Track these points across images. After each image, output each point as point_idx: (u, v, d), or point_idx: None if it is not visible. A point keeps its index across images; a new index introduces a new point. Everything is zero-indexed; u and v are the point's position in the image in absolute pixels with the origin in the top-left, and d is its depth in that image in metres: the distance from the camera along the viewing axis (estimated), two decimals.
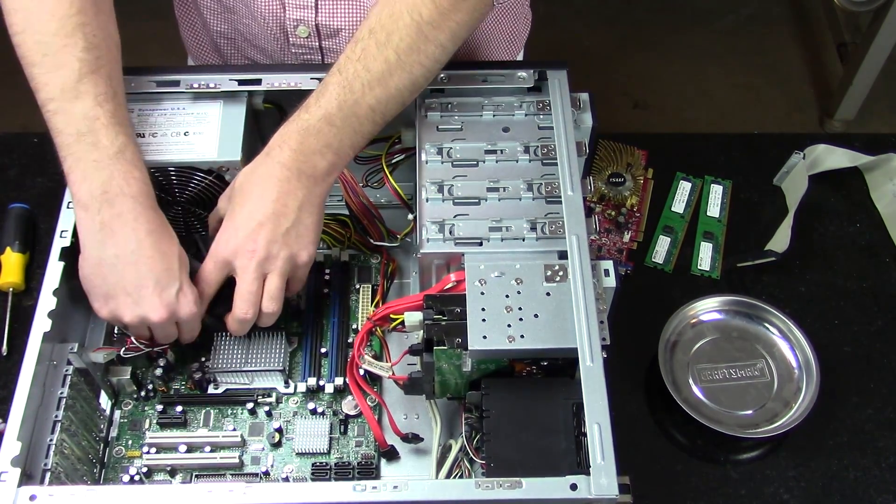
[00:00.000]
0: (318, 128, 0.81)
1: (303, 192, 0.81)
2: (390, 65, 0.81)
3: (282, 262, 0.81)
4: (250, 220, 0.80)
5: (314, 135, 0.81)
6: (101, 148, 0.79)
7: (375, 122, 0.84)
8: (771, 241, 1.07)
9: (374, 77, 0.81)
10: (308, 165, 0.81)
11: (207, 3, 1.07)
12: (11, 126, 2.25)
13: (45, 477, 0.77)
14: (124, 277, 0.78)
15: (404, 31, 0.81)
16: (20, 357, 0.77)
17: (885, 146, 1.14)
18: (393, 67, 0.81)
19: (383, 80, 0.82)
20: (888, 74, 2.19)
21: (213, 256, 0.82)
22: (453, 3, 0.81)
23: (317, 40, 1.04)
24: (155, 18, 1.13)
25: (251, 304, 0.81)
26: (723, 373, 0.97)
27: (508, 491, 0.69)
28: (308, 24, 1.02)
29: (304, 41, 1.04)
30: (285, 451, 0.87)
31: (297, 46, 1.05)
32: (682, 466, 0.93)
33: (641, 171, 1.13)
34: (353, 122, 0.82)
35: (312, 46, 1.05)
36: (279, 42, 1.05)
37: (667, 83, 2.38)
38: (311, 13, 1.01)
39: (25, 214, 1.06)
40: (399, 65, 0.82)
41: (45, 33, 0.80)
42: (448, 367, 0.79)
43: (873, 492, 0.91)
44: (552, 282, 0.79)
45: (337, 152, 0.82)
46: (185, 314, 0.80)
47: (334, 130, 0.81)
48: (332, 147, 0.82)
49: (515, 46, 1.18)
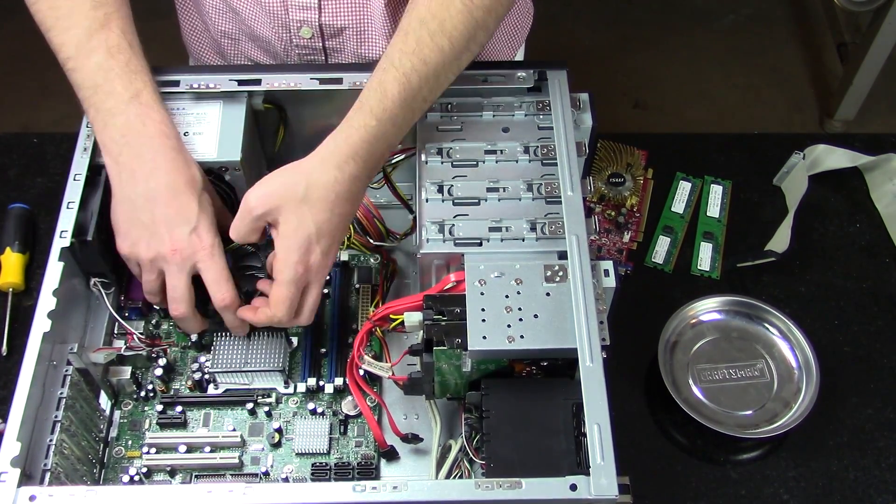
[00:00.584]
0: (383, 131, 0.81)
1: (362, 195, 0.83)
2: (444, 54, 0.81)
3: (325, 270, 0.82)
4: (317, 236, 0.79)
5: (381, 139, 0.81)
6: (117, 95, 0.82)
7: (423, 111, 0.85)
8: (771, 241, 1.07)
9: (430, 69, 0.81)
10: (374, 169, 0.83)
11: (212, 2, 1.07)
12: (11, 126, 2.25)
13: (44, 477, 0.77)
14: (142, 215, 0.81)
15: (458, 18, 0.80)
16: (20, 357, 0.77)
17: (885, 146, 1.14)
18: (447, 56, 0.81)
19: (437, 72, 0.82)
20: (888, 74, 2.19)
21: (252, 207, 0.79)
22: None
23: (320, 41, 1.04)
24: (155, 18, 1.12)
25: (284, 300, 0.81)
26: (723, 373, 0.97)
27: (508, 491, 0.69)
28: (311, 25, 1.02)
29: (308, 42, 1.04)
30: (285, 451, 0.87)
31: (301, 47, 1.05)
32: (682, 466, 0.93)
33: (641, 171, 1.13)
34: (409, 116, 0.83)
35: (316, 47, 1.05)
36: (283, 42, 1.05)
37: (667, 83, 2.38)
38: (314, 13, 1.01)
39: (25, 214, 1.06)
40: (453, 53, 0.82)
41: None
42: (448, 368, 0.79)
43: (873, 492, 0.91)
44: (552, 282, 0.79)
45: (392, 146, 0.84)
46: (198, 254, 0.80)
47: (395, 129, 0.82)
48: (392, 145, 0.84)
49: (518, 39, 1.17)
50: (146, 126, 0.82)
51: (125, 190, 0.82)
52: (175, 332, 0.93)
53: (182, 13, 1.14)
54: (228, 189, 0.91)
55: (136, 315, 0.93)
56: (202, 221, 0.81)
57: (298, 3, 1.00)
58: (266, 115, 0.94)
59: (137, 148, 0.81)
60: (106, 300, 0.88)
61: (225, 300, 0.81)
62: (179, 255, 0.80)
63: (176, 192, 0.81)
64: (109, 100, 0.82)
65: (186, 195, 0.81)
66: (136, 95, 0.82)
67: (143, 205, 0.81)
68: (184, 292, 0.82)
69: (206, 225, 0.81)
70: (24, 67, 2.19)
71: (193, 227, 0.80)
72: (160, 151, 0.81)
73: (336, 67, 0.98)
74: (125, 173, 0.81)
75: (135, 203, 0.81)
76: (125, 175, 0.81)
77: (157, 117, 0.83)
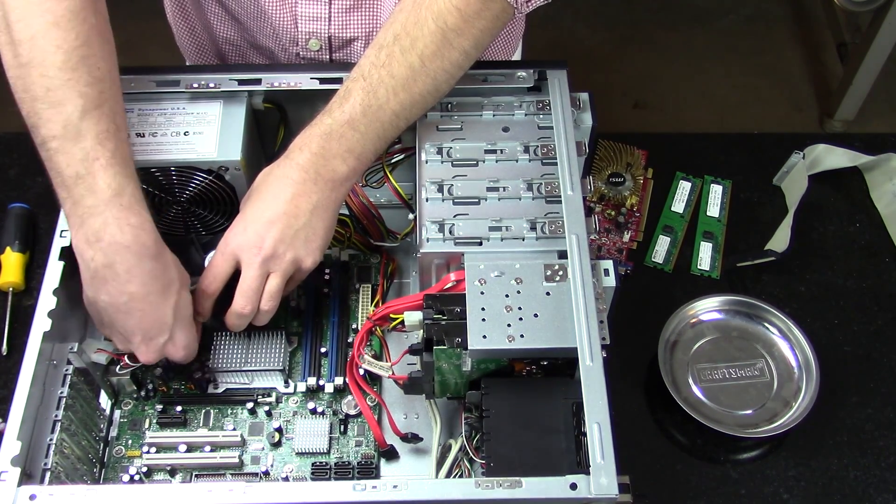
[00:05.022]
0: (340, 132, 0.81)
1: (317, 195, 0.81)
2: (414, 71, 0.81)
3: (286, 264, 0.81)
4: (261, 218, 0.80)
5: (336, 139, 0.81)
6: (98, 192, 0.76)
7: (399, 127, 0.84)
8: (771, 240, 1.07)
9: (398, 83, 0.81)
10: (327, 169, 0.81)
11: (214, 10, 1.06)
12: (11, 126, 2.23)
13: (44, 476, 0.77)
14: (116, 321, 0.79)
15: (429, 38, 0.81)
16: (20, 357, 0.77)
17: (885, 146, 1.14)
18: (417, 73, 0.82)
19: (407, 86, 0.82)
20: (888, 74, 2.19)
21: (222, 249, 0.82)
22: (477, 11, 0.81)
23: (328, 53, 1.04)
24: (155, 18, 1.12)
25: (250, 300, 0.81)
26: (722, 372, 0.97)
27: (508, 490, 0.69)
28: (320, 37, 1.02)
29: (315, 54, 1.04)
30: (285, 450, 0.87)
31: (308, 60, 1.05)
32: (682, 466, 0.93)
33: (641, 170, 1.13)
34: (376, 127, 0.82)
35: (323, 60, 1.04)
36: (288, 54, 1.05)
37: (667, 83, 2.38)
38: (323, 25, 1.00)
39: (25, 214, 1.06)
40: (423, 71, 0.82)
41: (50, 66, 0.76)
42: (448, 367, 0.79)
43: (873, 491, 0.91)
44: (552, 281, 0.79)
45: (359, 157, 0.83)
46: (174, 358, 0.82)
47: (357, 135, 0.82)
48: (354, 152, 0.82)
49: (511, 45, 1.17)
50: (123, 233, 0.76)
51: (97, 294, 0.78)
52: None
53: (176, 19, 1.12)
54: (228, 189, 0.91)
55: None
56: (177, 329, 0.80)
57: (308, 14, 1.00)
58: (266, 115, 0.94)
59: (111, 256, 0.76)
60: None
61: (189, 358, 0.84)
62: (156, 360, 0.82)
63: (150, 304, 0.78)
64: (89, 197, 0.76)
65: (161, 306, 0.78)
66: (118, 194, 0.76)
67: (115, 315, 0.78)
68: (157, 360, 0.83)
69: (181, 330, 0.81)
70: None
71: (168, 338, 0.80)
72: (135, 262, 0.76)
73: (336, 67, 0.98)
74: (97, 280, 0.77)
75: (106, 310, 0.79)
76: (97, 281, 0.77)
77: (136, 221, 0.77)
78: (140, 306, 0.78)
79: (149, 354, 0.80)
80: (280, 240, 0.80)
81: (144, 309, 0.78)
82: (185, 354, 0.82)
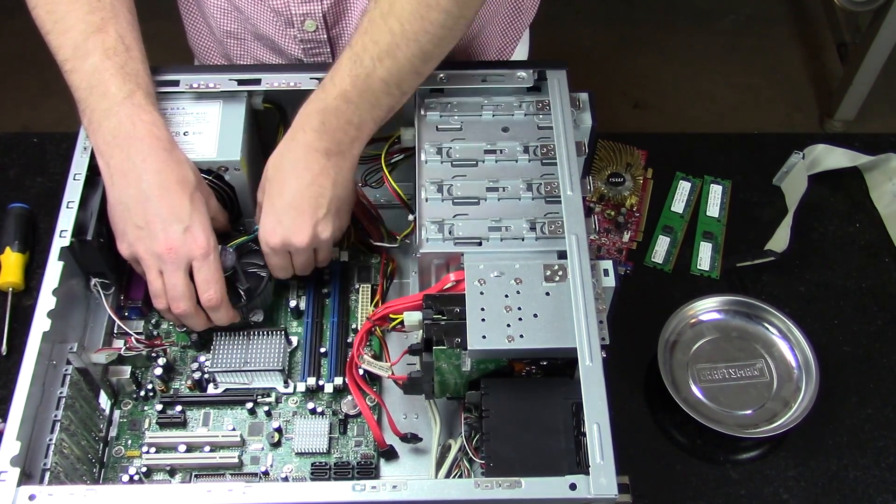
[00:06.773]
0: (335, 106, 0.82)
1: (333, 170, 0.84)
2: (395, 35, 0.81)
3: (327, 240, 0.86)
4: (291, 209, 0.83)
5: (333, 113, 0.83)
6: (111, 96, 0.83)
7: (392, 94, 0.84)
8: (770, 240, 1.07)
9: (381, 49, 0.81)
10: (333, 143, 0.83)
11: (216, 2, 1.06)
12: (11, 126, 2.25)
13: (44, 476, 0.77)
14: (136, 216, 0.81)
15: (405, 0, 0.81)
16: (20, 357, 0.77)
17: (885, 146, 1.14)
18: (398, 38, 0.81)
19: (391, 52, 0.82)
20: (888, 74, 2.19)
21: (272, 247, 0.85)
22: None
23: (325, 32, 1.04)
24: (155, 18, 1.12)
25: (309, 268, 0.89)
26: (722, 373, 0.97)
27: (508, 491, 0.69)
28: (315, 17, 1.01)
29: (313, 35, 1.03)
30: (285, 450, 0.87)
31: (306, 41, 1.04)
32: (682, 466, 0.93)
33: (641, 170, 1.13)
34: (368, 96, 0.83)
35: (321, 39, 1.04)
36: (287, 38, 1.05)
37: (667, 83, 2.38)
38: (317, 5, 1.00)
39: (25, 214, 1.06)
40: (404, 34, 0.81)
41: (53, 2, 0.85)
42: (447, 367, 0.79)
43: (873, 492, 0.91)
44: (552, 282, 0.79)
45: (358, 127, 0.84)
46: (193, 253, 0.82)
47: (352, 107, 0.83)
48: (353, 123, 0.83)
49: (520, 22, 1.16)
50: (136, 127, 0.82)
51: (118, 192, 0.82)
52: (175, 331, 0.93)
53: (186, 17, 1.14)
54: (228, 189, 0.91)
55: (135, 315, 0.93)
56: (195, 220, 0.82)
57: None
58: (266, 115, 0.94)
59: (127, 150, 0.82)
60: (105, 301, 0.88)
61: (211, 301, 0.84)
62: (175, 254, 0.81)
63: (167, 191, 0.81)
64: (103, 101, 0.83)
65: (178, 194, 0.82)
66: (129, 96, 0.83)
67: (136, 206, 0.81)
68: (183, 290, 0.82)
69: (200, 224, 0.82)
70: (25, 67, 2.19)
71: (186, 227, 0.81)
72: (150, 152, 0.82)
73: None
74: (116, 175, 0.82)
75: (128, 205, 0.82)
76: (117, 177, 0.82)
77: (148, 118, 0.83)
78: (157, 192, 0.81)
79: (167, 244, 0.81)
80: (317, 222, 0.84)
81: (161, 195, 0.81)
82: (203, 251, 0.82)
